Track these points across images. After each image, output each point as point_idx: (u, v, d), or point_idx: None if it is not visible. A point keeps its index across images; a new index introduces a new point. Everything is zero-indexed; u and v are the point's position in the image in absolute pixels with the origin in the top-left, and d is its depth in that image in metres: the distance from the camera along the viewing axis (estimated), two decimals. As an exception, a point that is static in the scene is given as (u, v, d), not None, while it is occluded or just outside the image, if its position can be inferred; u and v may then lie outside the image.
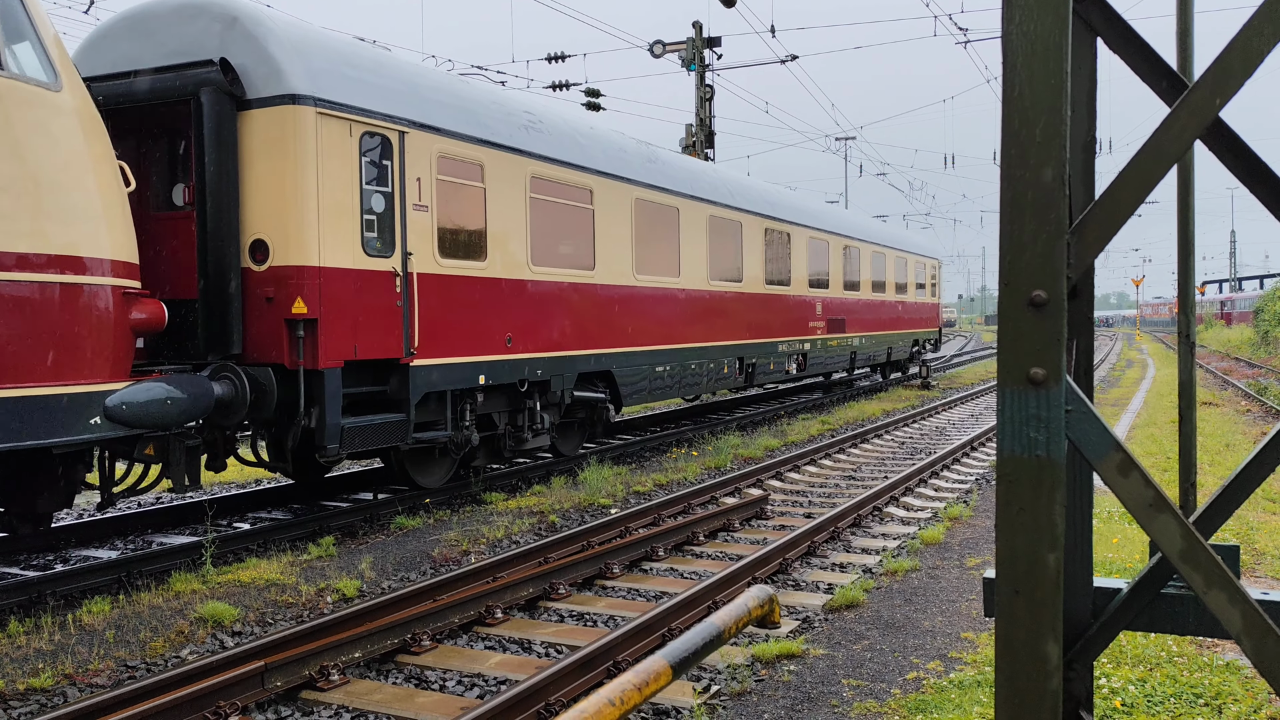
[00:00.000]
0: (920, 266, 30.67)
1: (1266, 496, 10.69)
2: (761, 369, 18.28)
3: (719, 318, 16.78)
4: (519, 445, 12.00)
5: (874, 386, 27.70)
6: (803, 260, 20.51)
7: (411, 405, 9.81)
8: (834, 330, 22.02)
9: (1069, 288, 1.85)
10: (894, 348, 27.03)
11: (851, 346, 23.28)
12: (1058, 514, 1.74)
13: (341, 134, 9.10)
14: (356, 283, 9.26)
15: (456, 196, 10.57)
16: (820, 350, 21.15)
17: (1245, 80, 1.68)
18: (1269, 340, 43.15)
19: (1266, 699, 5.11)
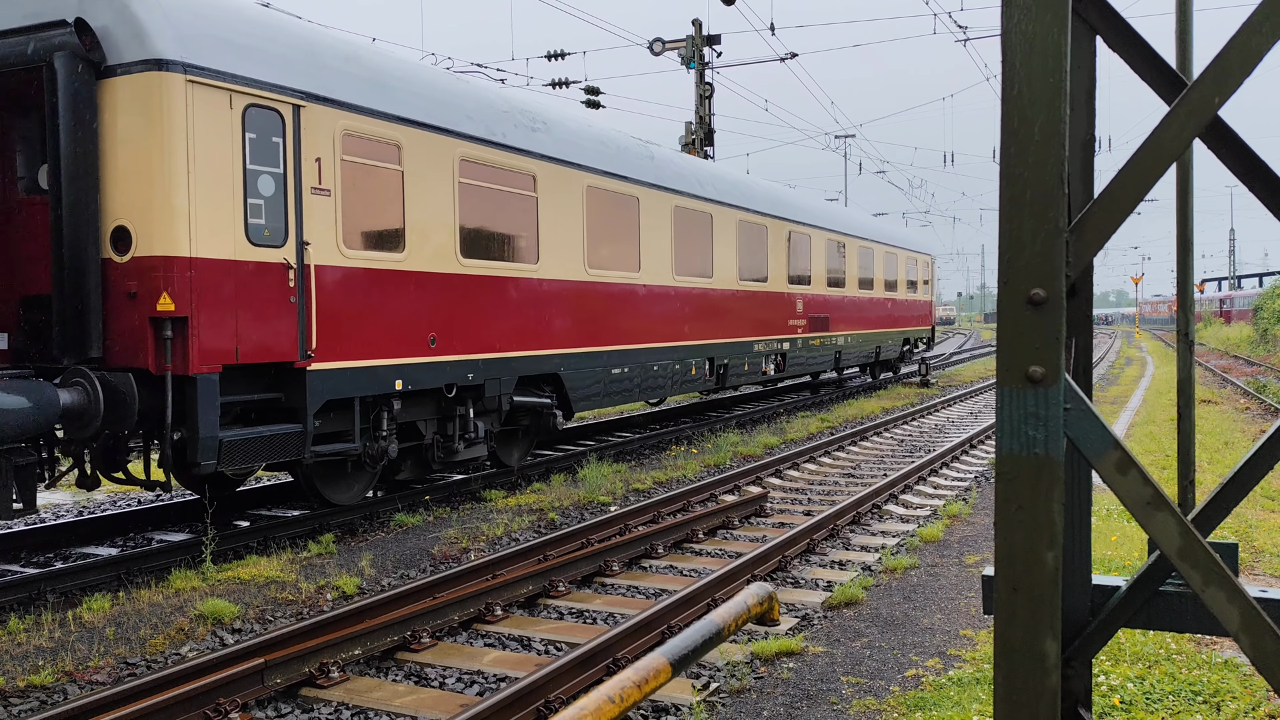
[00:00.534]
0: (911, 262, 29.50)
1: (1265, 494, 10.71)
2: (735, 370, 17.23)
3: (686, 316, 15.69)
4: (449, 457, 10.91)
5: (864, 386, 27.04)
6: (782, 255, 19.43)
7: (309, 415, 8.74)
8: (817, 329, 20.98)
9: (1068, 286, 1.86)
10: (883, 347, 26.08)
11: (836, 346, 22.27)
12: (1056, 512, 1.75)
13: (219, 106, 8.02)
14: (238, 276, 8.19)
15: (367, 180, 9.50)
16: (801, 350, 20.10)
17: (1244, 78, 1.68)
18: (1268, 338, 43.17)
19: (1265, 696, 5.12)
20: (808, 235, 20.84)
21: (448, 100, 10.75)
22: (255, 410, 8.78)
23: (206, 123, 7.97)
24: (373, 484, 10.54)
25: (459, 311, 10.69)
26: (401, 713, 5.44)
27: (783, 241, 19.53)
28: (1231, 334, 56.31)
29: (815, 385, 27.28)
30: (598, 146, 13.67)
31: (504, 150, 11.46)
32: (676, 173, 15.90)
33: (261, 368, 8.62)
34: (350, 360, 9.26)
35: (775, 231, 19.29)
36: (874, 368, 27.76)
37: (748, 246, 17.99)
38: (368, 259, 9.52)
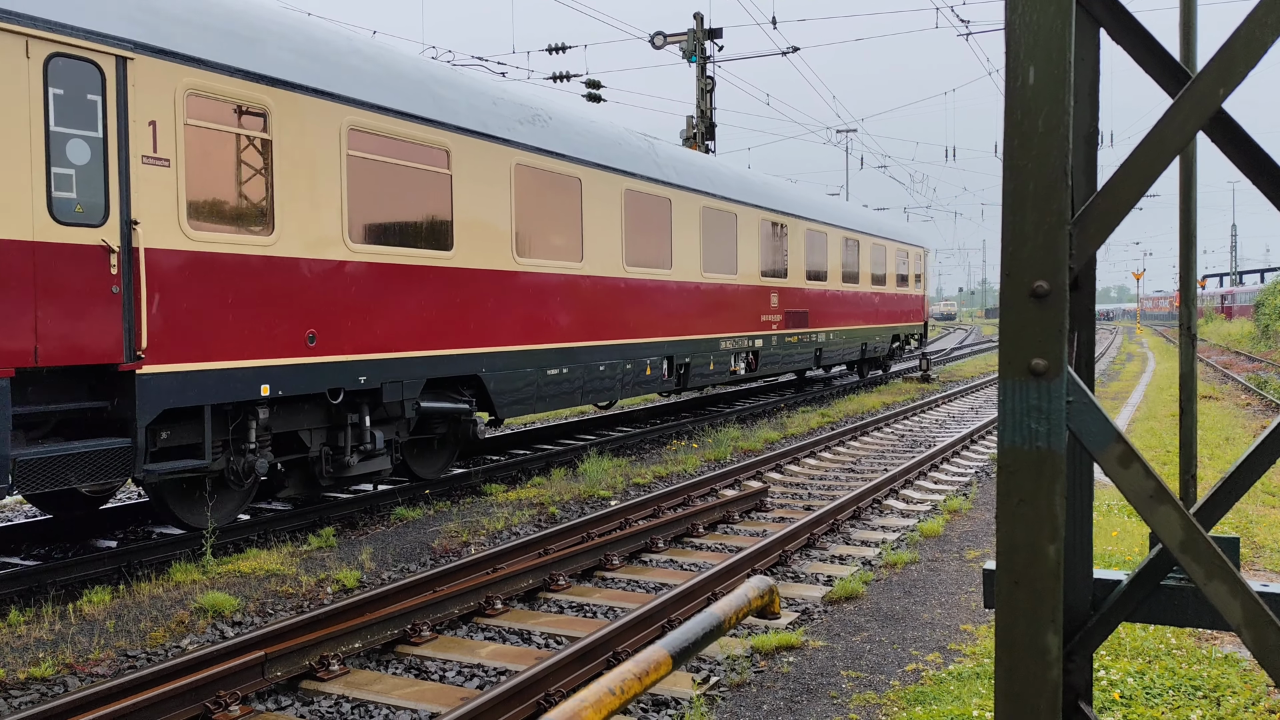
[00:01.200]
0: (902, 255, 27.91)
1: (1266, 490, 10.70)
2: (698, 370, 15.70)
3: (640, 311, 14.24)
4: (340, 471, 9.55)
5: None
6: (754, 246, 17.86)
7: (140, 426, 7.44)
8: (794, 324, 19.58)
9: (1071, 279, 1.85)
10: (869, 343, 24.71)
11: (816, 343, 20.89)
12: (1058, 505, 1.74)
13: (11, 54, 6.69)
14: (37, 260, 6.85)
15: (222, 149, 8.13)
16: (777, 347, 18.70)
17: (1249, 70, 1.67)
18: (1269, 334, 43.16)
19: (1265, 691, 5.12)
20: (784, 225, 19.35)
21: (335, 60, 9.35)
22: (77, 421, 7.54)
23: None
24: (246, 503, 9.23)
25: (347, 305, 9.29)
26: (402, 705, 5.45)
27: (755, 231, 17.99)
28: (1233, 330, 56.30)
29: (800, 383, 26.07)
30: (527, 120, 11.96)
31: (407, 120, 9.89)
32: (629, 154, 14.18)
33: (75, 371, 7.35)
34: (197, 362, 7.92)
35: (746, 220, 17.72)
36: (861, 365, 26.63)
37: (714, 236, 16.42)
38: (222, 242, 8.14)
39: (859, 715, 5.15)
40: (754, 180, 19.03)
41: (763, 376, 19.16)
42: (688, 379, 15.39)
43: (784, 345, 19.23)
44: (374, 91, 9.60)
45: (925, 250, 31.12)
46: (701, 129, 24.55)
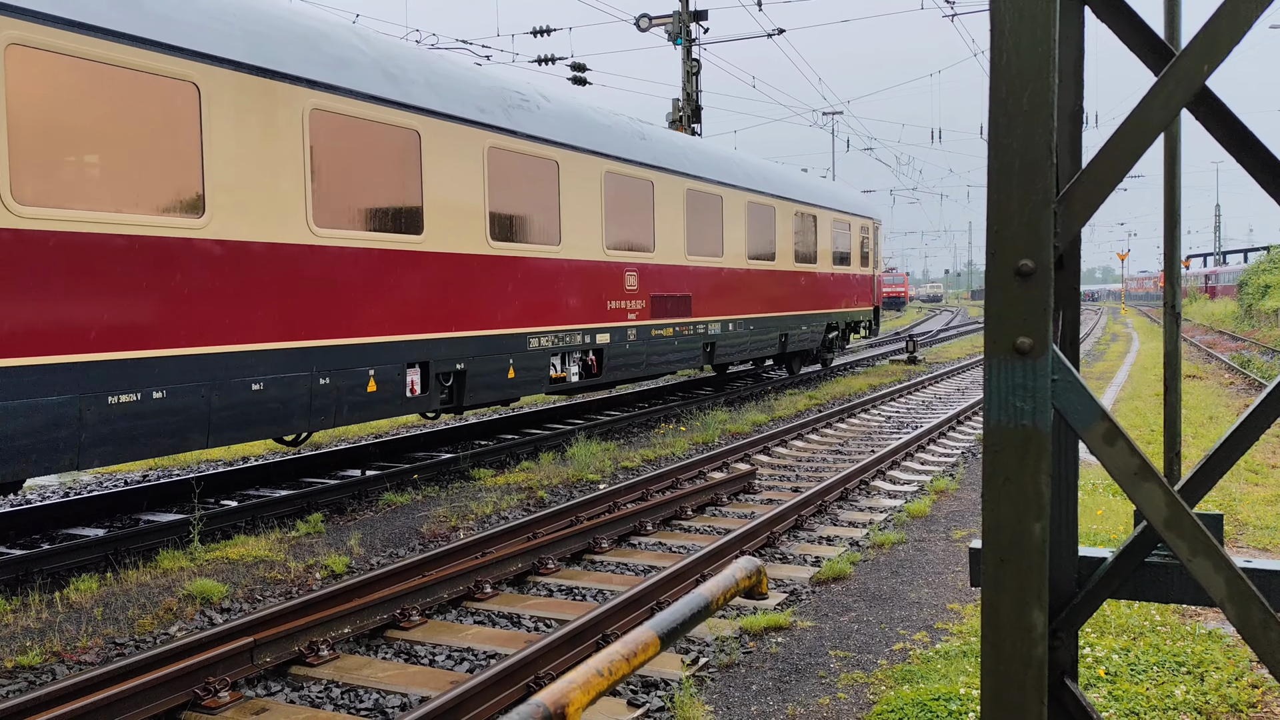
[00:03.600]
0: (842, 227, 23.26)
1: (1249, 468, 10.79)
2: (486, 379, 11.07)
3: (357, 296, 9.37)
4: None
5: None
6: (595, 208, 13.21)
7: None
8: (667, 313, 15.14)
9: (1056, 258, 1.85)
10: (792, 334, 20.17)
11: (705, 335, 16.43)
12: (1044, 483, 1.75)
13: None
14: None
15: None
16: (637, 342, 14.30)
17: (1233, 46, 1.67)
18: (1252, 314, 43.44)
19: (1248, 666, 5.17)
20: (649, 182, 14.74)
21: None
22: None
23: None
24: None
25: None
26: (391, 690, 5.46)
27: (595, 188, 13.24)
28: (1216, 309, 56.66)
29: (721, 380, 22.31)
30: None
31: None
32: (338, 56, 9.36)
33: None
34: None
35: (574, 172, 12.80)
36: (788, 360, 22.81)
37: (509, 192, 11.48)
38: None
39: (847, 695, 5.18)
40: (591, 120, 13.78)
41: (615, 382, 14.39)
42: (462, 393, 10.71)
43: (649, 340, 14.63)
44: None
45: (875, 222, 26.18)
46: (687, 112, 24.47)
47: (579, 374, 13.09)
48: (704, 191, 16.53)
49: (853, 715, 4.92)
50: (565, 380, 12.79)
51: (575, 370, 13.00)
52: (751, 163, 19.51)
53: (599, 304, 13.50)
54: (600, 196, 13.45)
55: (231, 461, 12.96)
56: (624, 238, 14.15)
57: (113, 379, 7.29)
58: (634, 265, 14.45)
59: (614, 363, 13.84)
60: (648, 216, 14.81)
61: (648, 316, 14.72)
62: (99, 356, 7.24)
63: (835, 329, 23.15)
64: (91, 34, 7.18)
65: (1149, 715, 4.62)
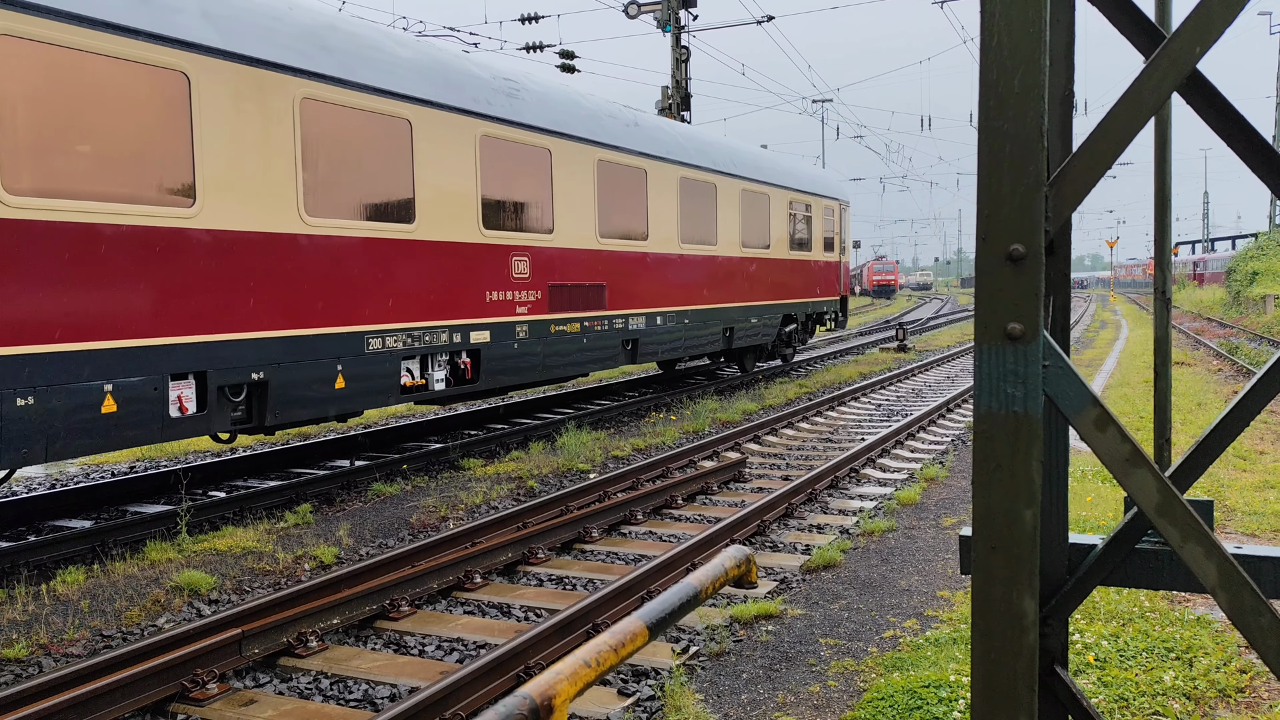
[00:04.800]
0: (801, 209, 20.87)
1: (1237, 454, 10.84)
2: (293, 392, 8.76)
3: (84, 289, 7.15)
4: None
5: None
6: (467, 179, 10.82)
7: None
8: (569, 305, 12.83)
9: (1046, 242, 1.83)
10: (739, 328, 18.03)
11: (626, 331, 14.22)
12: (1035, 470, 1.73)
13: None
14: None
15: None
16: (530, 341, 11.99)
17: (1226, 27, 1.65)
18: (1240, 301, 43.62)
19: (1236, 651, 5.19)
20: (543, 150, 12.24)
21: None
22: None
23: None
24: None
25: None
26: (381, 680, 5.44)
27: (466, 154, 10.86)
28: (1205, 296, 56.89)
29: (673, 378, 20.35)
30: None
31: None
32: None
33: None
34: None
35: (435, 134, 10.42)
36: (739, 357, 20.64)
37: (336, 154, 9.22)
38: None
39: (837, 682, 5.18)
40: (459, 69, 11.28)
41: (501, 389, 12.53)
42: (267, 409, 8.52)
43: (547, 338, 12.36)
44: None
45: (841, 203, 23.66)
46: (677, 99, 24.40)
47: (446, 380, 10.76)
48: (623, 165, 14.14)
49: (843, 703, 4.92)
50: (426, 389, 10.48)
51: (441, 376, 10.65)
52: (684, 132, 17.07)
53: (474, 295, 11.08)
54: (475, 165, 11.02)
55: (219, 453, 12.91)
56: (510, 216, 11.69)
57: None
58: (524, 249, 11.93)
59: (497, 365, 11.47)
60: (544, 192, 12.30)
61: (544, 310, 12.30)
62: None
63: (794, 321, 20.84)
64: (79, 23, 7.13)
65: (1138, 701, 4.63)
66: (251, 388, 8.52)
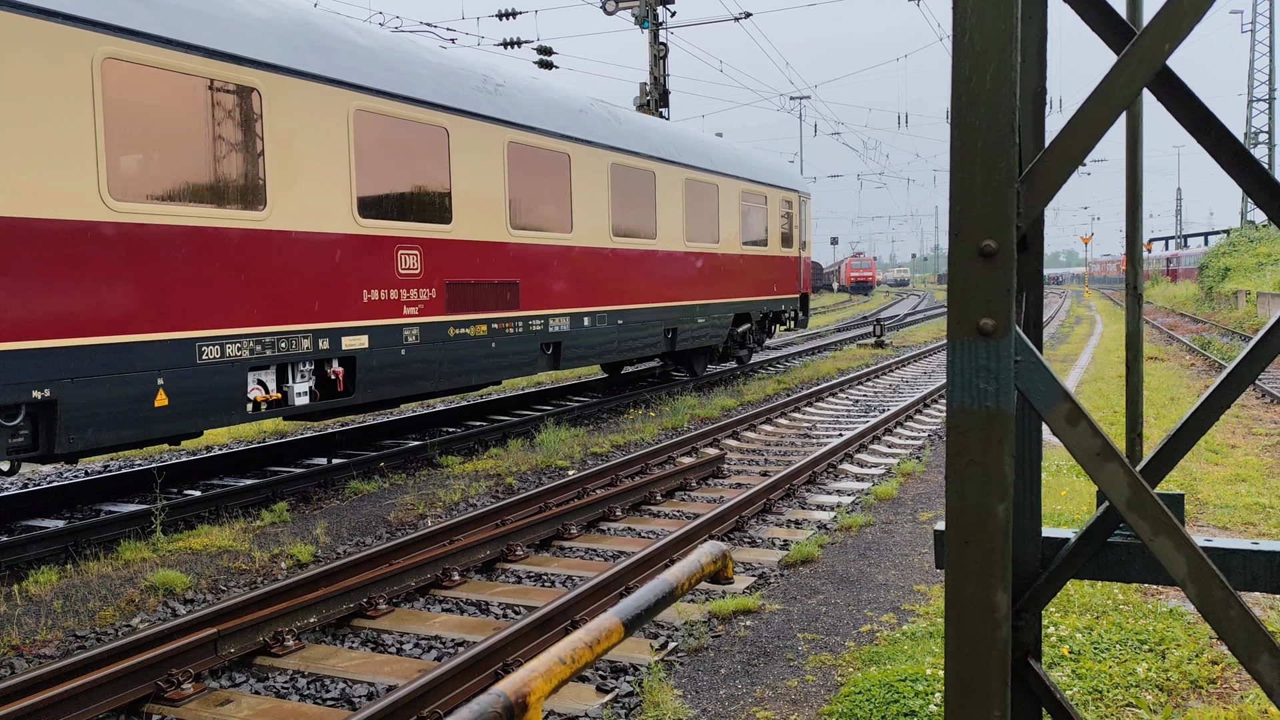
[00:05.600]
0: (755, 200, 19.48)
1: (1209, 448, 10.95)
2: (95, 412, 7.32)
3: None
4: None
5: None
6: (338, 159, 9.37)
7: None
8: (473, 305, 11.28)
9: (1019, 238, 1.84)
10: (684, 329, 16.63)
11: (546, 333, 12.68)
12: (1007, 464, 1.74)
13: None
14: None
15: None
16: (423, 346, 10.50)
17: (1196, 23, 1.66)
18: (1213, 296, 44.09)
19: (1208, 643, 5.25)
20: (439, 130, 10.77)
21: None
22: None
23: None
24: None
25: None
26: (359, 679, 5.41)
27: (335, 131, 9.37)
28: (1178, 292, 57.44)
29: (617, 381, 18.99)
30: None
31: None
32: None
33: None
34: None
35: (297, 106, 8.96)
36: (688, 359, 19.05)
37: (156, 128, 7.81)
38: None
39: (815, 677, 5.20)
40: (340, 41, 9.76)
41: (384, 403, 10.94)
42: (57, 435, 7.11)
43: (443, 342, 10.84)
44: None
45: (800, 195, 22.20)
46: (655, 96, 24.39)
47: (311, 393, 9.27)
48: (540, 148, 12.56)
49: (821, 697, 4.94)
50: (285, 404, 9.01)
51: (304, 389, 9.12)
52: (618, 115, 15.35)
53: (348, 295, 9.55)
54: (348, 145, 9.53)
55: (195, 451, 12.80)
56: (396, 205, 10.17)
57: None
58: (414, 241, 10.38)
59: (379, 375, 9.93)
60: (439, 177, 10.78)
61: (441, 310, 10.79)
62: None
63: (748, 320, 19.59)
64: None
65: (1112, 693, 4.67)
66: (34, 408, 7.04)
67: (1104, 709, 4.52)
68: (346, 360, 9.66)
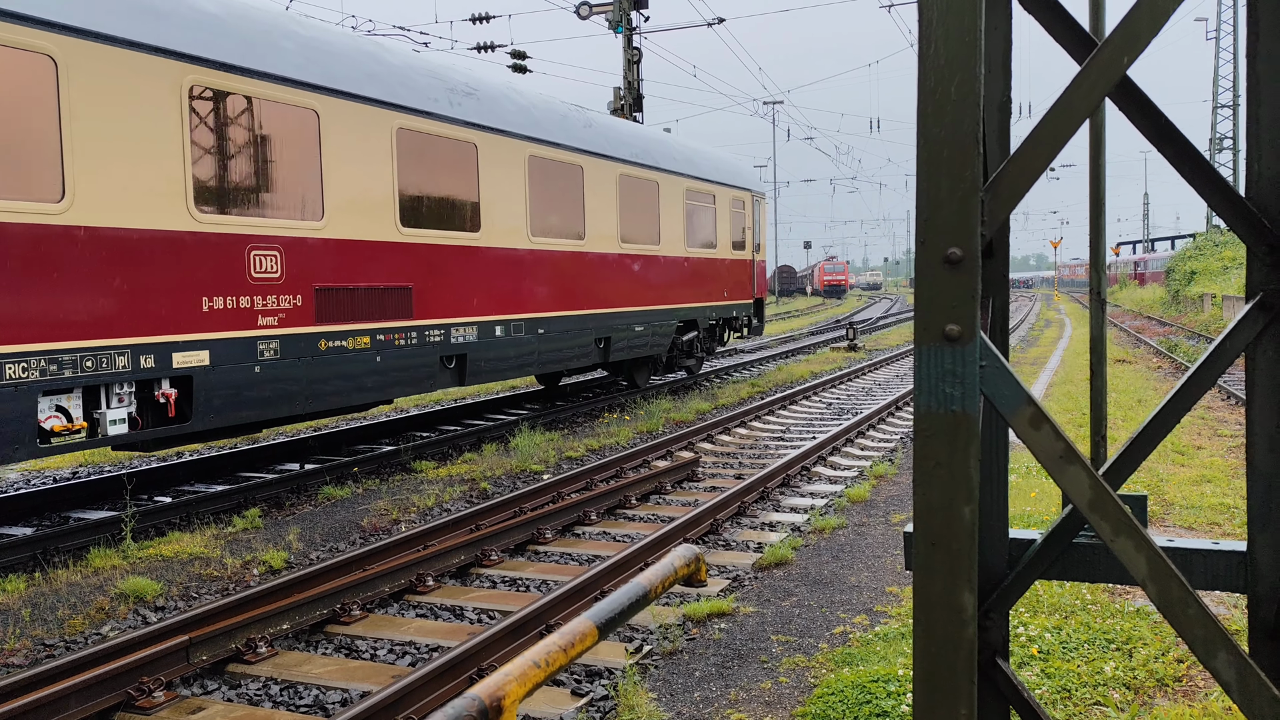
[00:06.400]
0: (703, 199, 18.31)
1: (1176, 449, 11.11)
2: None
3: None
4: None
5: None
6: (170, 146, 8.14)
7: None
8: (351, 314, 9.95)
9: (984, 245, 1.88)
10: (619, 337, 15.44)
11: (448, 344, 11.37)
12: (973, 467, 1.78)
13: None
14: None
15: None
16: (286, 362, 9.21)
17: (1152, 38, 1.71)
18: (1179, 300, 44.67)
19: (1174, 642, 5.33)
20: (307, 112, 9.37)
21: None
22: None
23: None
24: None
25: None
26: (332, 685, 5.39)
27: (158, 114, 8.02)
28: (1145, 295, 58.16)
29: (552, 393, 17.62)
30: None
31: None
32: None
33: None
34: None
35: (113, 81, 7.71)
36: (626, 370, 17.90)
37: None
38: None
39: (789, 678, 5.24)
40: (172, 1, 8.38)
41: (242, 429, 9.39)
42: None
43: (312, 356, 9.42)
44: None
45: (754, 195, 20.98)
46: (629, 100, 24.43)
47: (131, 420, 7.87)
48: (440, 136, 11.22)
49: (794, 699, 4.97)
50: (95, 434, 7.66)
51: (120, 416, 7.75)
52: (535, 102, 13.76)
53: (182, 302, 8.22)
54: (181, 125, 8.17)
55: (165, 457, 12.68)
56: (247, 197, 8.80)
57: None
58: (271, 240, 8.98)
59: (224, 398, 8.53)
60: (307, 167, 9.37)
61: (309, 320, 9.38)
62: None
63: (695, 328, 18.32)
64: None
65: (1080, 692, 4.74)
66: None
67: (1072, 708, 4.59)
68: (181, 380, 8.28)
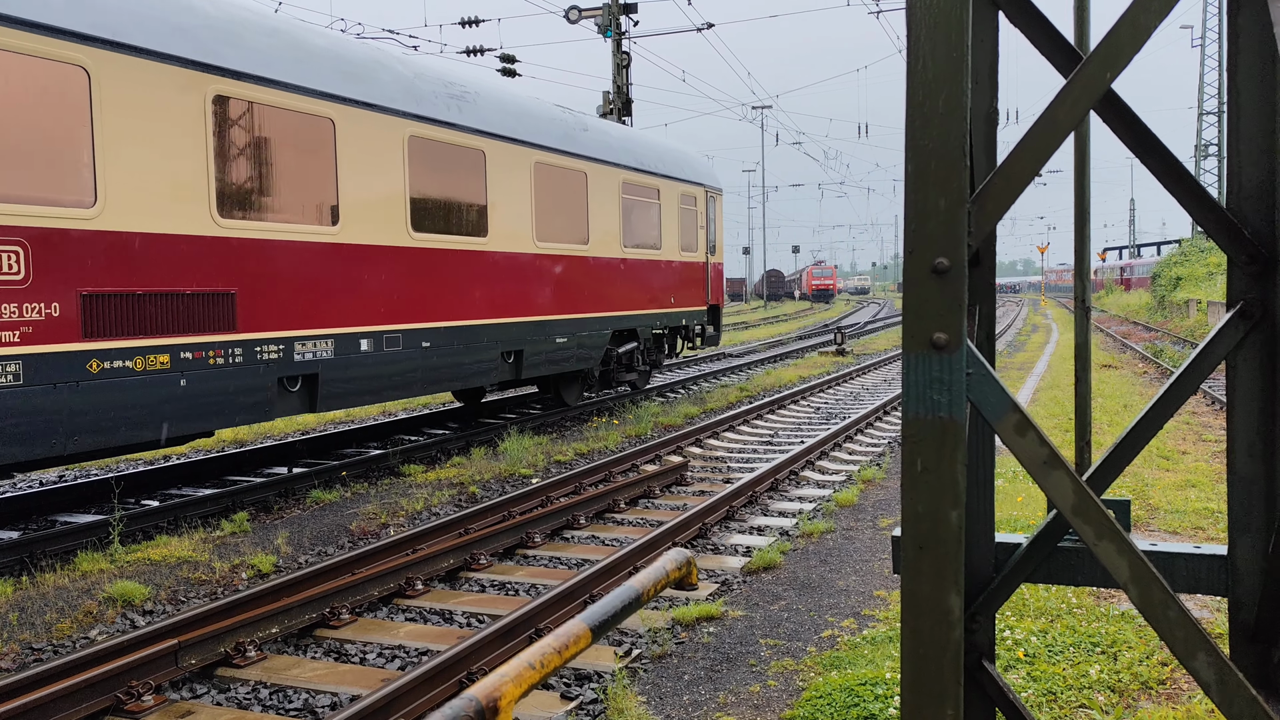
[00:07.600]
0: (646, 194, 16.42)
1: (1161, 454, 11.20)
2: None
3: None
4: None
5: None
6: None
7: None
8: (144, 327, 7.93)
9: (971, 255, 1.92)
10: (534, 350, 13.40)
11: (287, 364, 9.31)
12: (959, 472, 1.81)
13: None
14: None
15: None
16: (34, 388, 7.10)
17: (1134, 54, 1.75)
18: (1165, 305, 44.96)
19: (1158, 645, 5.39)
20: (77, 71, 7.36)
21: None
22: None
23: None
24: None
25: None
26: (322, 689, 5.40)
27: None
28: (1131, 301, 58.51)
29: (470, 412, 15.79)
30: None
31: None
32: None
33: None
34: None
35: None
36: (552, 386, 15.80)
37: None
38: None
39: (777, 682, 5.27)
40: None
41: (36, 462, 7.70)
42: None
43: (75, 383, 7.41)
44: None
45: (709, 191, 19.04)
46: (618, 104, 24.48)
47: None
48: (290, 110, 9.26)
49: (783, 702, 5.00)
50: None
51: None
52: (422, 71, 11.67)
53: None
54: (41, 116, 7.08)
55: (153, 461, 12.65)
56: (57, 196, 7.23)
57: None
58: (10, 232, 6.94)
59: (25, 420, 7.05)
60: (74, 141, 7.40)
61: (71, 336, 7.36)
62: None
63: (635, 338, 16.37)
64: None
65: (1065, 695, 4.79)
66: None
67: (1058, 710, 4.63)
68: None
